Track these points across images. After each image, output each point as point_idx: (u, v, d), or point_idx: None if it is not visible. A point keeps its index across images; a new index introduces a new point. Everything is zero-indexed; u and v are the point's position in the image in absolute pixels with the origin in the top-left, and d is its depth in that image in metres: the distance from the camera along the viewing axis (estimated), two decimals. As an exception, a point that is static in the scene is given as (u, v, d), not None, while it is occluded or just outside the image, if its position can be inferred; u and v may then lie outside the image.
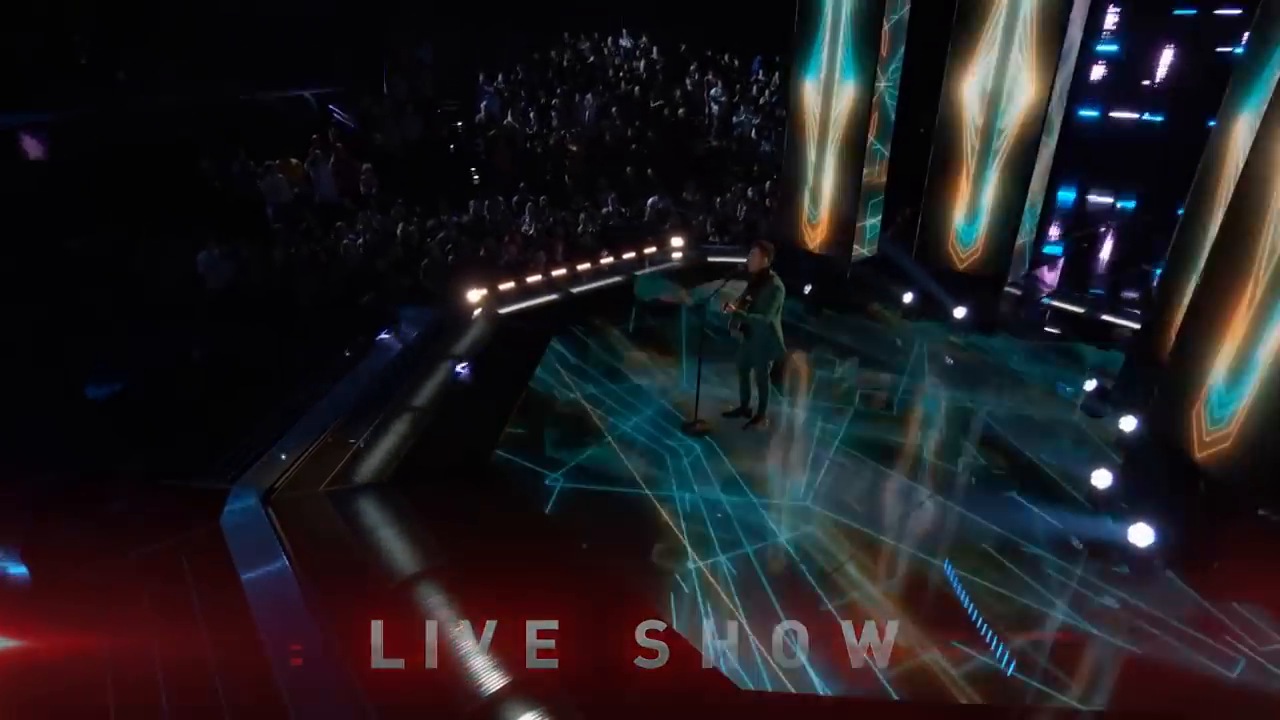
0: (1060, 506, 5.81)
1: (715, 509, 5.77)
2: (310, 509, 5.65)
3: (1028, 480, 6.17)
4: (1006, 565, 5.21)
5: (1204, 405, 5.12)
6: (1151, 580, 5.02)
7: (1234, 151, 5.84)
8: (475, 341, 8.49)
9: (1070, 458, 6.41)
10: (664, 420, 6.99)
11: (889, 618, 4.72)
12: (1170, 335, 6.51)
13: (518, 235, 10.76)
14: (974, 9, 7.71)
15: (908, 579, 5.12)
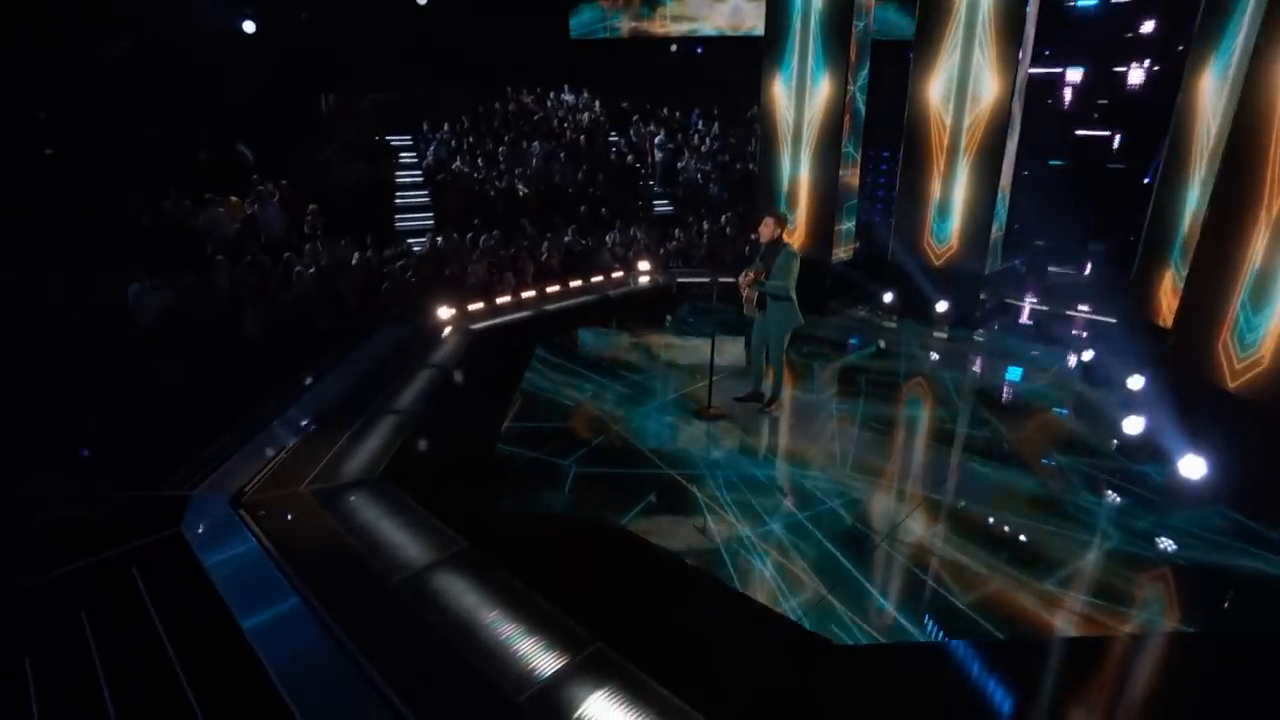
0: (1092, 458, 5.64)
1: (752, 481, 5.29)
2: (294, 508, 4.87)
3: (1052, 438, 6.02)
4: (1055, 508, 4.93)
5: (1231, 334, 5.08)
6: (1205, 511, 4.83)
7: (1204, 103, 6.13)
8: (454, 351, 7.89)
9: (1088, 418, 6.31)
10: (674, 409, 6.53)
11: (959, 564, 4.35)
12: (1160, 294, 6.63)
13: (484, 258, 10.31)
14: (934, 13, 8.05)
15: (967, 529, 4.74)
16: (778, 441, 5.99)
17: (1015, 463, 5.60)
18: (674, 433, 6.08)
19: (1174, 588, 4.22)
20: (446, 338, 8.33)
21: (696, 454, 5.69)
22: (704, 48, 19.06)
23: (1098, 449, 5.80)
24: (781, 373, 6.28)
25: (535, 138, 16.36)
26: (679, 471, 5.41)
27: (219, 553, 4.42)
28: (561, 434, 6.09)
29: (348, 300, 9.22)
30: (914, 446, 6.01)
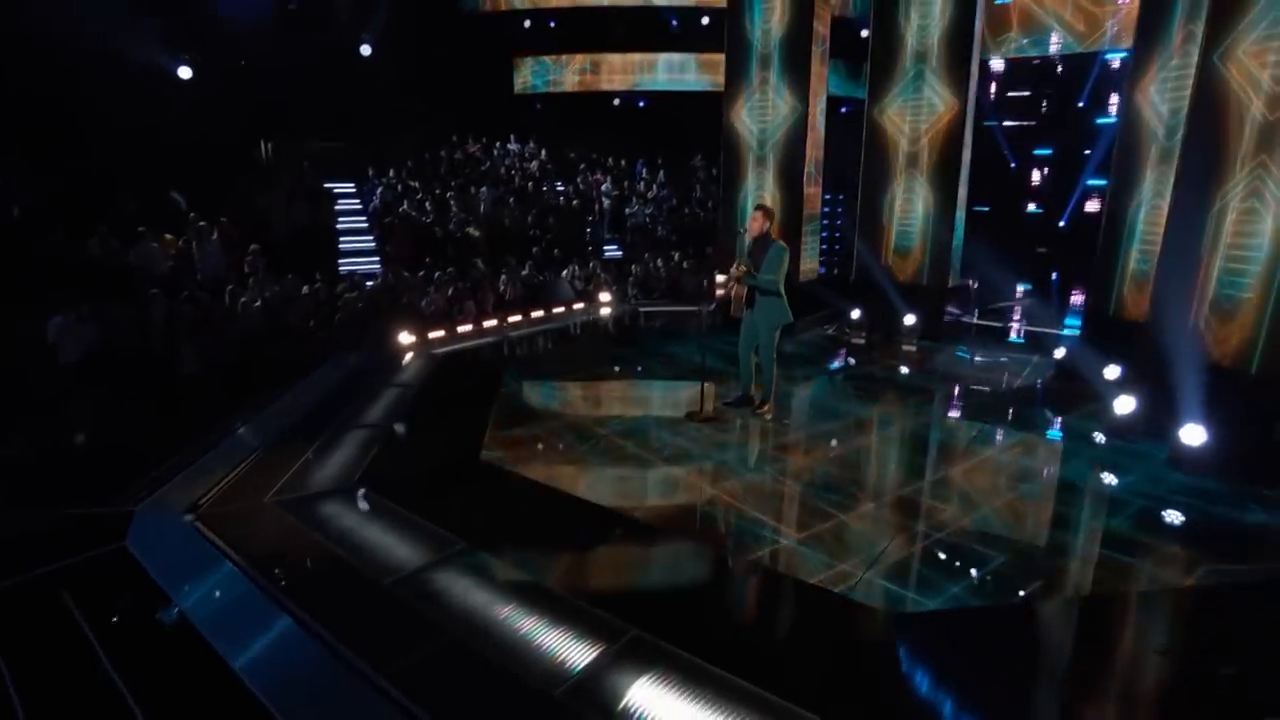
0: (1085, 440, 5.62)
1: (765, 473, 5.00)
2: (261, 518, 4.29)
3: (1039, 422, 6.03)
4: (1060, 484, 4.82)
5: (1210, 308, 5.19)
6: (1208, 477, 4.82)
7: (1148, 110, 6.47)
8: (421, 371, 7.41)
9: (1073, 411, 6.33)
10: (665, 413, 6.22)
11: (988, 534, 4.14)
12: (1125, 292, 6.81)
13: (445, 286, 9.90)
14: (886, 42, 8.38)
15: (1004, 511, 4.55)
16: (783, 438, 5.71)
17: (1018, 449, 5.51)
18: (667, 435, 5.75)
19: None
20: (411, 360, 7.85)
21: (697, 451, 5.37)
22: (646, 101, 19.51)
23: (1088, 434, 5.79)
24: (773, 372, 6.07)
25: (483, 184, 16.22)
26: (684, 467, 5.07)
27: (177, 567, 3.81)
28: (548, 440, 5.68)
29: (297, 331, 8.64)
30: (924, 439, 5.85)
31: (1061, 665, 3.20)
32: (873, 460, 5.49)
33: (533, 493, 4.76)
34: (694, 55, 18.44)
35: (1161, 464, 5.11)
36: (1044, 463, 5.30)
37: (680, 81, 18.81)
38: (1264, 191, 4.85)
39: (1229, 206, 5.07)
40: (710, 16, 17.59)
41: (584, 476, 4.94)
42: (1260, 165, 4.87)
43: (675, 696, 2.80)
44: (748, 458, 5.42)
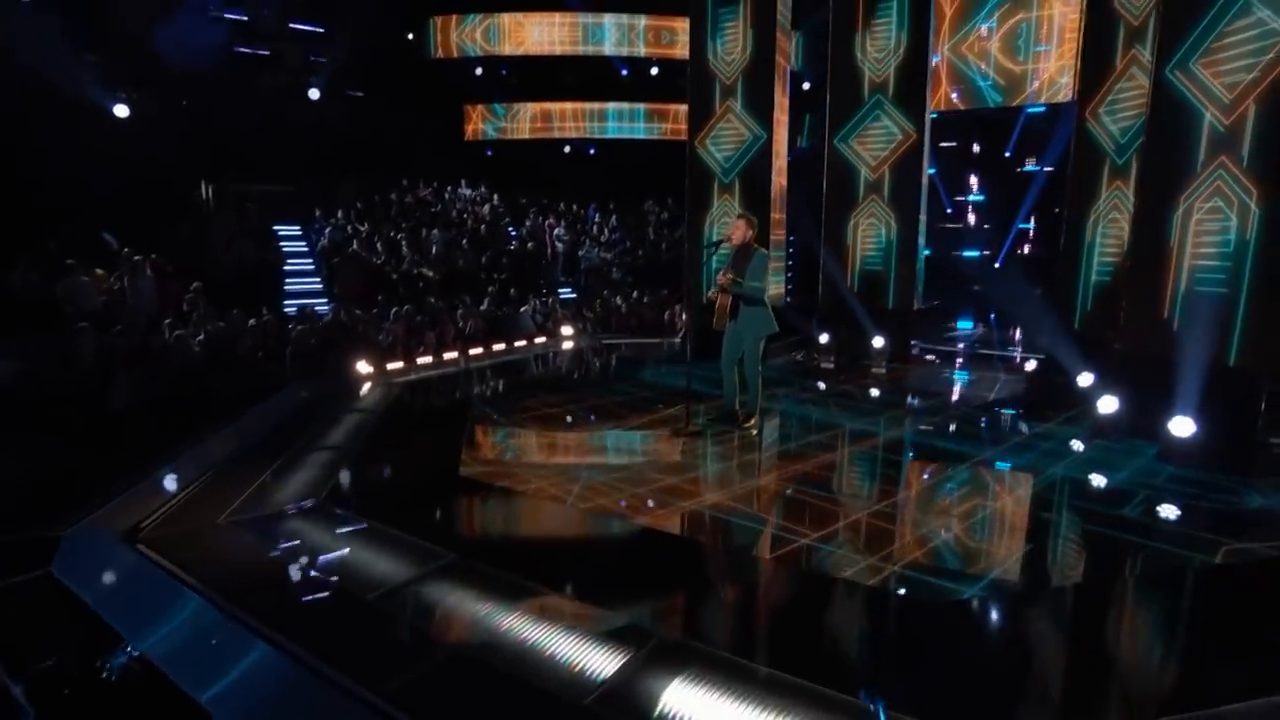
0: (1075, 441, 5.59)
1: (767, 478, 4.75)
2: (216, 539, 3.80)
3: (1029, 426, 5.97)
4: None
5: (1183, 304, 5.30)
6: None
7: (1103, 136, 6.74)
8: (384, 398, 6.95)
9: (1055, 417, 6.35)
10: (651, 429, 5.93)
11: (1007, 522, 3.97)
12: (1089, 303, 6.96)
13: (401, 320, 9.48)
14: (844, 74, 8.62)
15: (1016, 503, 4.40)
16: (780, 449, 5.49)
17: (1013, 452, 5.42)
18: (657, 447, 5.46)
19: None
20: (373, 389, 7.38)
21: (698, 461, 5.09)
22: (597, 149, 19.71)
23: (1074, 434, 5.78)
24: (758, 385, 5.88)
25: (435, 226, 15.93)
26: (683, 477, 4.78)
27: (119, 594, 3.30)
28: (530, 457, 5.32)
29: (246, 362, 8.07)
30: (919, 449, 5.71)
31: (1111, 642, 3.01)
32: (877, 463, 5.32)
33: (522, 502, 4.39)
34: (643, 104, 18.79)
35: (1151, 459, 5.09)
36: (1041, 460, 5.21)
37: (630, 129, 19.09)
38: (1226, 190, 5.01)
39: (1193, 207, 5.21)
40: (660, 67, 18.03)
41: (573, 485, 4.59)
42: (1221, 166, 5.04)
43: (718, 696, 2.47)
44: (742, 466, 5.16)
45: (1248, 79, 4.89)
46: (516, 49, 17.60)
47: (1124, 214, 6.48)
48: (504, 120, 19.10)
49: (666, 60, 17.89)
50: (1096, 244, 6.78)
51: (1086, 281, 6.88)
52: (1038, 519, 4.21)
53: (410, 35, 17.65)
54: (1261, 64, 4.80)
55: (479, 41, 17.50)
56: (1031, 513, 4.32)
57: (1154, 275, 5.43)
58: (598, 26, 17.39)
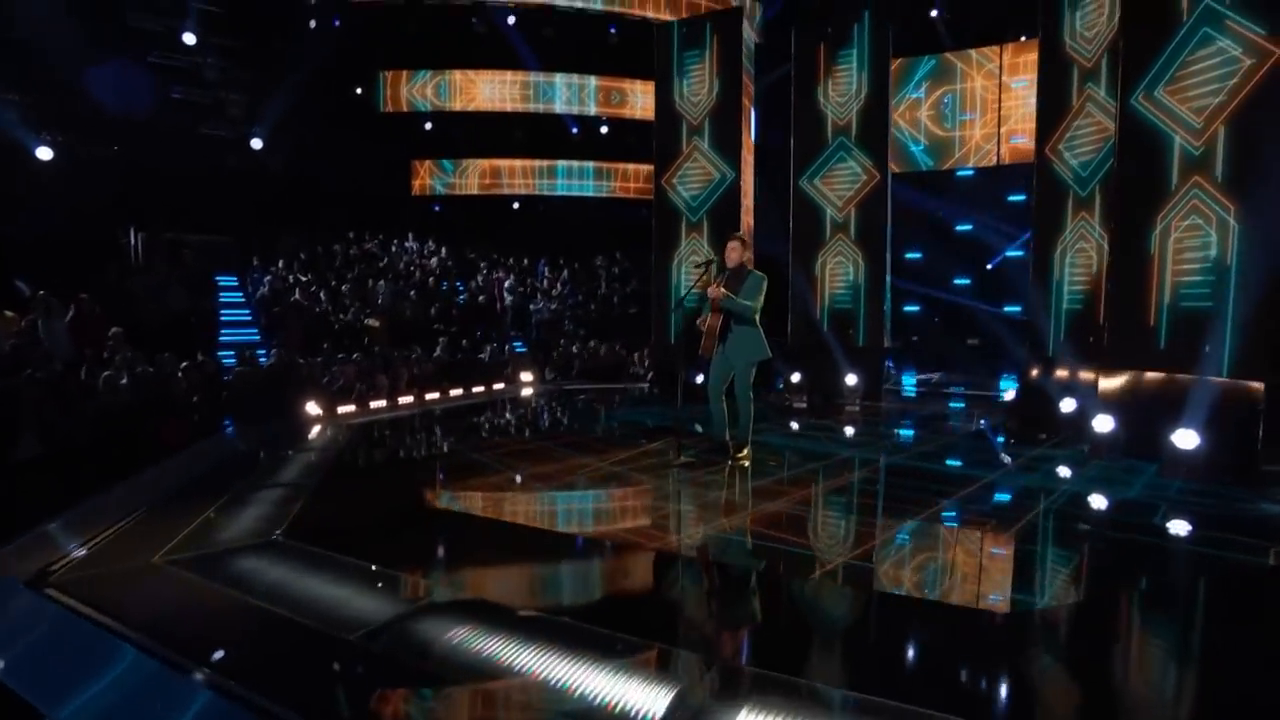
0: (1073, 463, 5.43)
1: (774, 504, 4.36)
2: (149, 580, 3.16)
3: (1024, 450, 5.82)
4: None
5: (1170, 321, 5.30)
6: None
7: (1060, 164, 6.93)
8: (340, 438, 6.31)
9: (1046, 441, 6.23)
10: (638, 462, 5.48)
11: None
12: (1062, 331, 6.99)
13: (349, 365, 8.84)
14: (808, 116, 8.74)
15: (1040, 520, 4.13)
16: (786, 478, 5.10)
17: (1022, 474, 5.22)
18: (655, 479, 5.02)
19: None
20: (325, 430, 6.73)
21: (683, 496, 4.66)
22: (545, 205, 19.63)
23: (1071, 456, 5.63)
24: (750, 413, 5.53)
25: (381, 278, 15.36)
26: (672, 504, 4.35)
27: (19, 641, 2.64)
28: (515, 487, 4.80)
29: (178, 405, 7.28)
30: (900, 475, 5.44)
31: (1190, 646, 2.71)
32: (883, 487, 5.00)
33: (512, 533, 3.87)
34: (593, 162, 18.91)
35: (1153, 476, 4.96)
36: (1049, 480, 5.00)
37: (580, 185, 19.13)
38: (1203, 208, 5.09)
39: (1171, 225, 5.28)
40: (609, 126, 18.25)
41: (566, 514, 4.11)
42: (1195, 185, 5.14)
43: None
44: (741, 494, 4.76)
45: (1215, 103, 5.03)
46: (467, 105, 17.55)
47: (1091, 243, 6.58)
48: (452, 176, 18.87)
49: (616, 119, 18.15)
50: (1066, 274, 6.86)
51: (1059, 310, 6.92)
52: (1074, 532, 3.96)
53: (359, 89, 17.39)
54: (1228, 88, 4.96)
55: (429, 97, 17.39)
56: (1065, 527, 4.06)
57: (1137, 295, 5.44)
58: (549, 85, 17.55)
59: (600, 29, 16.72)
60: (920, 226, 17.67)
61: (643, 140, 18.63)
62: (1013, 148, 14.49)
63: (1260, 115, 4.79)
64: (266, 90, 16.33)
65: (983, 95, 14.23)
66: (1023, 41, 14.03)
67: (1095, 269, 6.55)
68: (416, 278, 16.22)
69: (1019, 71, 14.21)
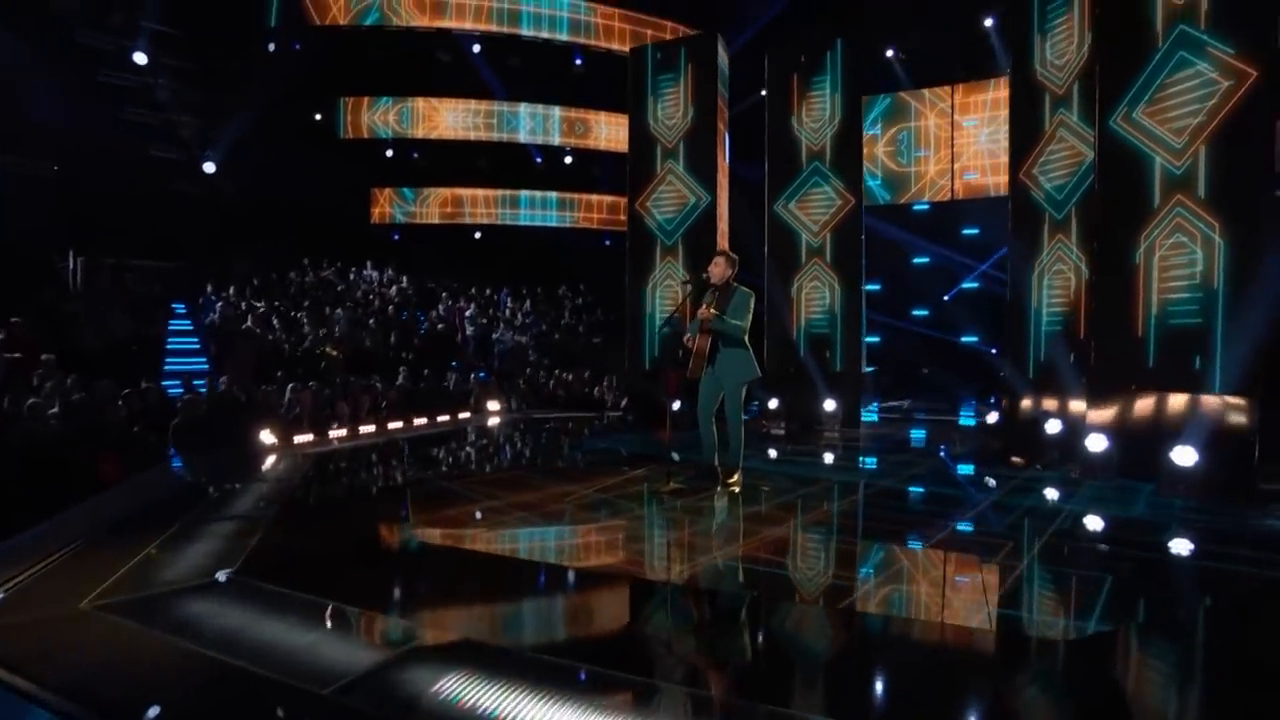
0: (1068, 484, 5.27)
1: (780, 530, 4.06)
2: (75, 629, 2.68)
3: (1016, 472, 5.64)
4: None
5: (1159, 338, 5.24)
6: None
7: (1035, 188, 6.94)
8: (301, 468, 5.81)
9: (1034, 462, 6.09)
10: (623, 491, 5.13)
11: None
12: (1040, 351, 6.94)
13: (305, 392, 8.30)
14: (781, 141, 8.68)
15: (1057, 542, 3.92)
16: (787, 504, 4.79)
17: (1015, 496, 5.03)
18: (641, 510, 4.68)
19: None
20: (281, 459, 6.21)
21: (677, 525, 4.33)
22: (507, 235, 19.29)
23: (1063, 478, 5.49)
24: (741, 437, 5.24)
25: (339, 306, 14.78)
26: (668, 532, 4.01)
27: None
28: (495, 517, 4.39)
29: (116, 434, 6.67)
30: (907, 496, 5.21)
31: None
32: (887, 512, 4.74)
33: (499, 567, 3.48)
34: (556, 193, 18.72)
35: (1151, 494, 4.83)
36: (1050, 501, 4.82)
37: (543, 216, 18.90)
38: (1187, 225, 5.07)
39: (1155, 244, 5.25)
40: (574, 156, 18.13)
41: (556, 546, 3.73)
42: (1178, 204, 5.13)
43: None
44: (736, 519, 4.45)
45: (1195, 123, 5.06)
46: (430, 133, 17.23)
47: (1069, 264, 6.56)
48: (413, 204, 18.46)
49: (580, 150, 18.05)
50: (1044, 296, 6.83)
51: (1038, 332, 6.87)
52: (1096, 552, 3.74)
53: (319, 115, 16.94)
54: (1207, 108, 4.99)
55: (391, 123, 17.03)
56: (1084, 547, 3.84)
57: (1124, 314, 5.39)
58: (513, 114, 17.39)
59: (565, 60, 16.67)
60: (879, 259, 17.88)
61: (607, 171, 18.67)
62: (966, 183, 14.85)
63: (1241, 134, 4.81)
64: (222, 113, 15.77)
65: (936, 133, 14.61)
66: (973, 83, 14.48)
67: (1074, 290, 6.52)
68: (376, 306, 15.68)
69: (970, 111, 14.63)
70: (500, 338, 16.47)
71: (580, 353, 15.76)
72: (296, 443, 7.14)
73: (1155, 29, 5.28)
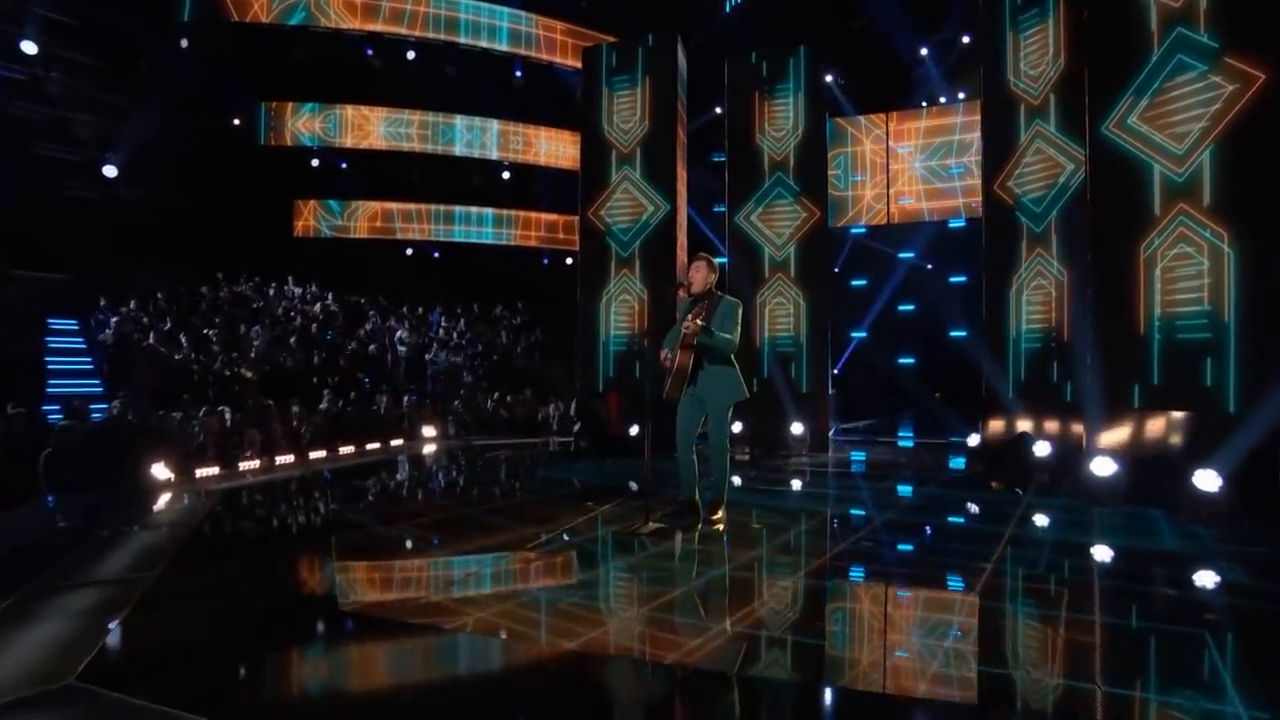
0: (1077, 512, 4.80)
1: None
2: None
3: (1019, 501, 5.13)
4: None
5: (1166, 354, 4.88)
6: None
7: (1011, 200, 6.62)
8: (189, 510, 4.75)
9: (1030, 489, 5.63)
10: (588, 534, 4.34)
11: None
12: (1021, 370, 6.57)
13: (212, 416, 7.15)
14: (743, 152, 8.18)
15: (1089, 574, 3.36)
16: (783, 541, 4.09)
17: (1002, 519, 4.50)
18: (605, 551, 3.91)
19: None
20: (178, 497, 5.13)
21: (665, 581, 3.58)
22: (440, 252, 18.26)
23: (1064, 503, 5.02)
24: (726, 466, 4.56)
25: (255, 323, 13.42)
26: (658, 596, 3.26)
27: None
28: (431, 578, 3.53)
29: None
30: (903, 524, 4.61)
31: None
32: (905, 552, 4.11)
33: (457, 647, 2.63)
34: (492, 209, 17.84)
35: (1168, 522, 4.39)
36: (1069, 533, 4.31)
37: (479, 234, 17.97)
38: (1192, 235, 4.74)
39: (1157, 255, 4.91)
40: (512, 171, 17.34)
41: (526, 614, 2.92)
42: (1181, 212, 4.80)
43: None
44: (747, 569, 3.72)
45: (1198, 128, 4.75)
46: (359, 143, 16.10)
47: (1049, 279, 6.24)
48: (340, 218, 17.20)
49: (519, 165, 17.27)
50: (1023, 311, 6.48)
51: (1017, 350, 6.50)
52: (1166, 600, 3.20)
53: (237, 120, 15.57)
54: (1211, 113, 4.69)
55: (317, 131, 15.82)
56: (1149, 593, 3.29)
57: (1125, 328, 5.02)
58: (448, 126, 16.47)
59: (505, 71, 15.92)
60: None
61: (547, 187, 17.93)
62: (901, 208, 14.88)
63: (1250, 138, 4.52)
64: (125, 113, 14.24)
65: (871, 159, 14.64)
66: (906, 111, 14.56)
67: (1055, 305, 6.19)
68: (297, 324, 14.35)
69: (904, 138, 14.72)
70: (434, 358, 15.38)
71: (520, 374, 14.87)
72: (199, 477, 6.03)
73: (1150, 30, 4.99)
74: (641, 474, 4.68)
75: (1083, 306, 5.58)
